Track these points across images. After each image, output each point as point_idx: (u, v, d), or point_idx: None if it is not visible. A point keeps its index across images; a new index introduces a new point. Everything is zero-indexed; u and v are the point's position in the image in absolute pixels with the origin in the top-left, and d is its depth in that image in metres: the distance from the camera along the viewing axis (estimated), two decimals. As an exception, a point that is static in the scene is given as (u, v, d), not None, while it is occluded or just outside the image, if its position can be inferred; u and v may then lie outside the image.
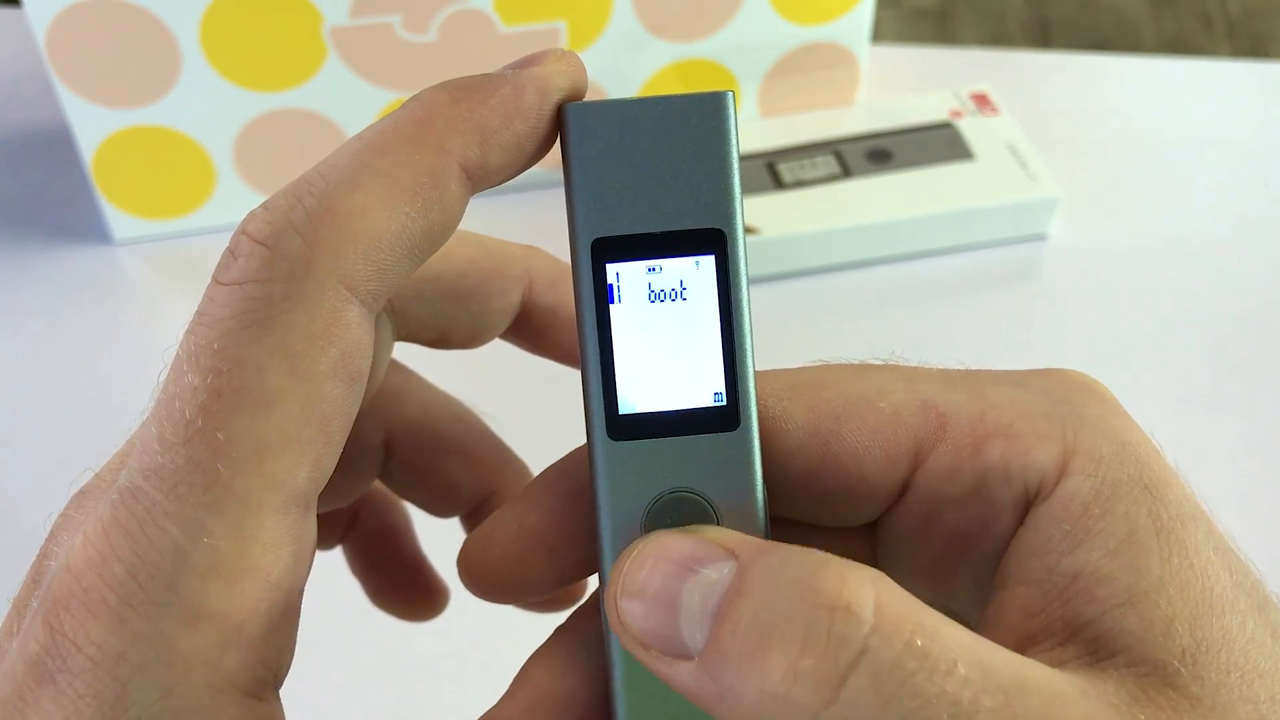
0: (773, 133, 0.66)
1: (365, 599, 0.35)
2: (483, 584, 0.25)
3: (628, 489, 0.23)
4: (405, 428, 0.31)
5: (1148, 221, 0.65)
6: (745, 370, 0.23)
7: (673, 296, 0.23)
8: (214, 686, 0.20)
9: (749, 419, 0.23)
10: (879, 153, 0.64)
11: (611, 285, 0.23)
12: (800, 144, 0.65)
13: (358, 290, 0.21)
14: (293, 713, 0.23)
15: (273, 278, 0.21)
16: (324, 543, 0.33)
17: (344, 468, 0.24)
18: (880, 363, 0.25)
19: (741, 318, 0.23)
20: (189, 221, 0.64)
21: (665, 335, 0.23)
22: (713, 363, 0.23)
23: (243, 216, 0.21)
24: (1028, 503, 0.22)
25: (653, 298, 0.23)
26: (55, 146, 0.67)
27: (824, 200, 0.62)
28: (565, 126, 0.23)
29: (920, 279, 0.62)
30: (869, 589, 0.19)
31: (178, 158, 0.62)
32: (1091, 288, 0.62)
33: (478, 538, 0.25)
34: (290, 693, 0.23)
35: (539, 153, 0.23)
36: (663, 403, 0.23)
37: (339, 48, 0.60)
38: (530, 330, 0.30)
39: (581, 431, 0.23)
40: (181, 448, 0.20)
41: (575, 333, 0.23)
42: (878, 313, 0.61)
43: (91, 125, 0.60)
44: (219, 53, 0.59)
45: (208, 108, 0.61)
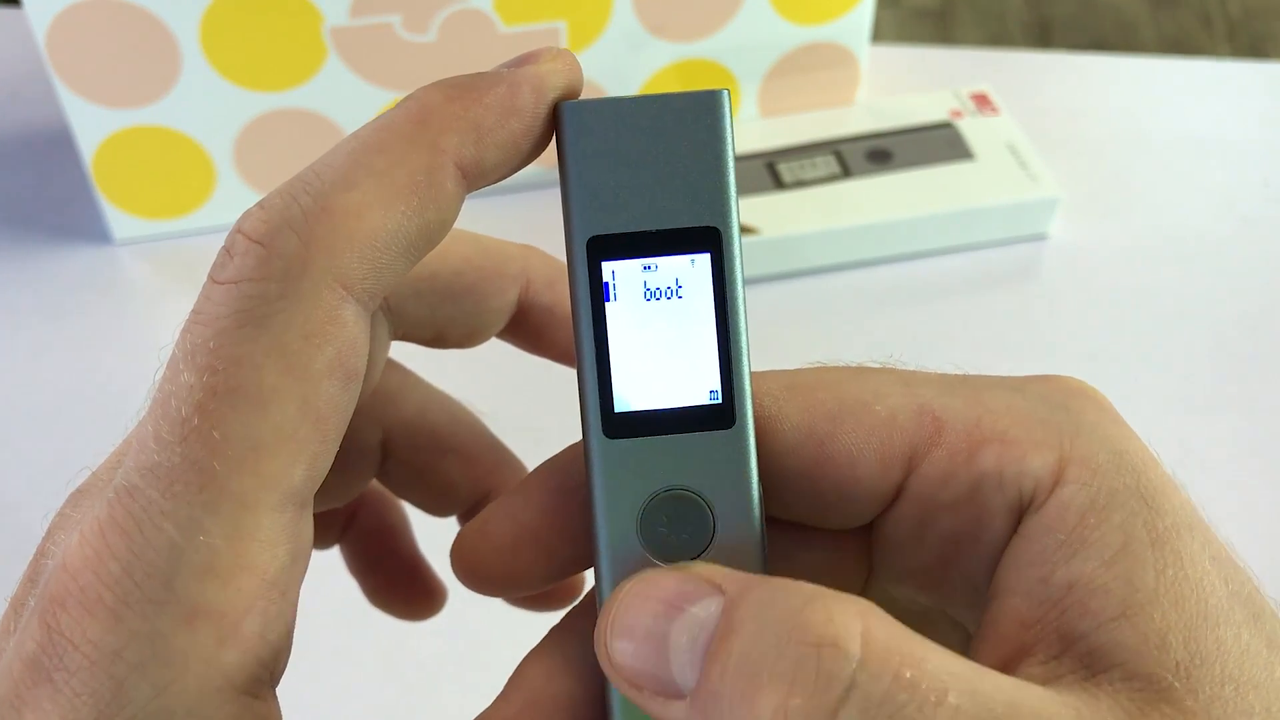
0: (773, 133, 0.65)
1: (363, 598, 0.35)
2: (475, 576, 0.25)
3: (623, 486, 0.23)
4: (402, 427, 0.31)
5: (1148, 221, 0.65)
6: (741, 368, 0.23)
7: (668, 294, 0.23)
8: (210, 684, 0.20)
9: (744, 417, 0.23)
10: (879, 153, 0.64)
11: (607, 283, 0.23)
12: (800, 144, 0.65)
13: (354, 289, 0.21)
14: (291, 712, 0.23)
15: (268, 276, 0.21)
16: (321, 542, 0.33)
17: (341, 467, 0.24)
18: (878, 365, 0.25)
19: (737, 316, 0.23)
20: (189, 221, 0.64)
21: (661, 333, 0.23)
22: (708, 361, 0.23)
23: (242, 214, 0.21)
24: (1021, 509, 0.22)
25: (648, 296, 0.23)
26: (55, 146, 0.67)
27: (824, 200, 0.62)
28: (561, 125, 0.23)
29: (920, 279, 0.62)
30: (856, 622, 0.19)
31: (178, 158, 0.62)
32: (1091, 288, 0.62)
33: (471, 530, 0.25)
34: (288, 692, 0.23)
35: (535, 151, 0.23)
36: (658, 400, 0.23)
37: (339, 48, 0.60)
38: (527, 329, 0.30)
39: (578, 430, 0.23)
40: (178, 446, 0.20)
41: (572, 331, 0.23)
42: (878, 313, 0.61)
43: (91, 125, 0.60)
44: (219, 53, 0.59)
45: (208, 108, 0.61)
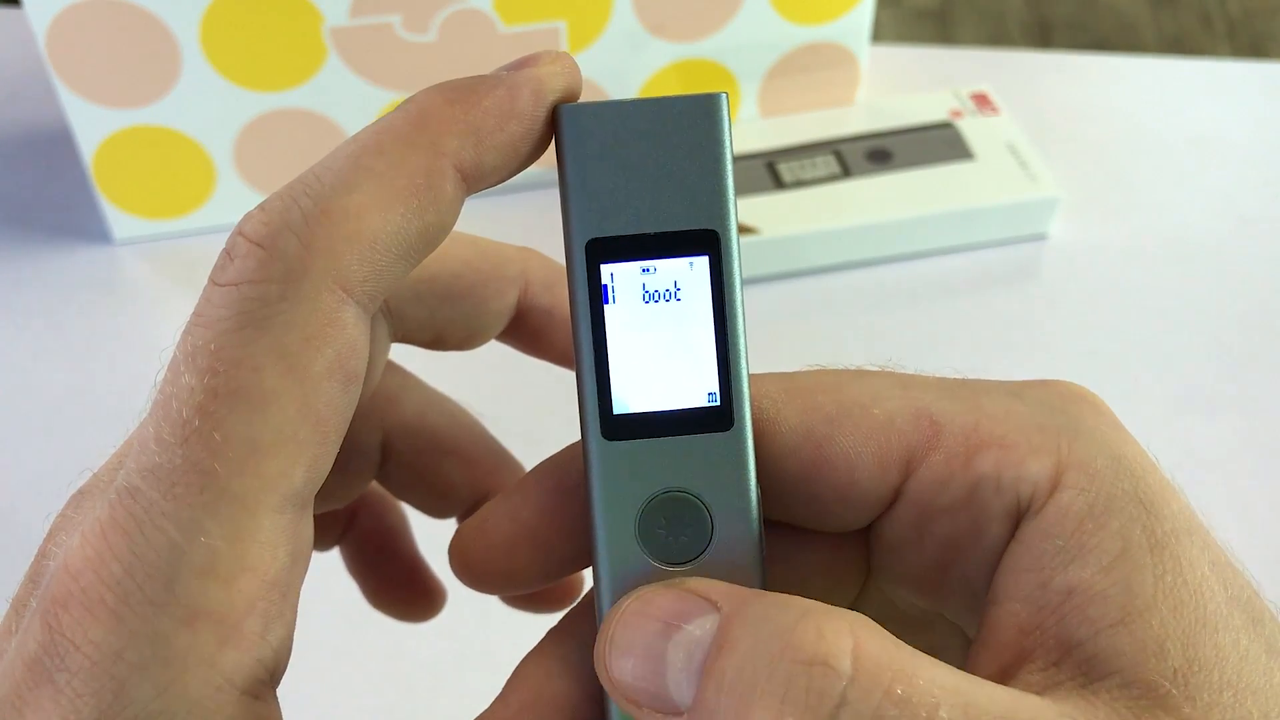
0: (773, 133, 0.66)
1: (363, 600, 0.35)
2: (473, 573, 0.26)
3: (622, 488, 0.23)
4: (402, 429, 0.31)
5: (1148, 221, 0.65)
6: (739, 371, 0.23)
7: (667, 297, 0.23)
8: (211, 685, 0.20)
9: (743, 419, 0.23)
10: (879, 153, 0.64)
11: (606, 286, 0.23)
12: (800, 144, 0.65)
13: (354, 291, 0.21)
14: (291, 713, 0.23)
15: (269, 278, 0.21)
16: (322, 544, 0.34)
17: (341, 469, 0.24)
18: (877, 369, 0.25)
19: (735, 318, 0.23)
20: (189, 221, 0.64)
21: (659, 336, 0.23)
22: (707, 363, 0.23)
23: (242, 216, 0.21)
24: (1019, 514, 0.22)
25: (647, 298, 0.23)
26: (55, 146, 0.67)
27: (824, 200, 0.62)
28: (560, 128, 0.23)
29: (920, 279, 0.62)
30: (847, 638, 0.19)
31: (178, 158, 0.62)
32: (1091, 288, 0.62)
33: (470, 528, 0.25)
34: (289, 693, 0.23)
35: (534, 154, 0.23)
36: (657, 403, 0.23)
37: (339, 48, 0.60)
38: (526, 332, 0.30)
39: (577, 432, 0.23)
40: (178, 448, 0.20)
41: (570, 334, 0.23)
42: (878, 313, 0.61)
43: (91, 125, 0.60)
44: (219, 53, 0.59)
45: (208, 108, 0.61)
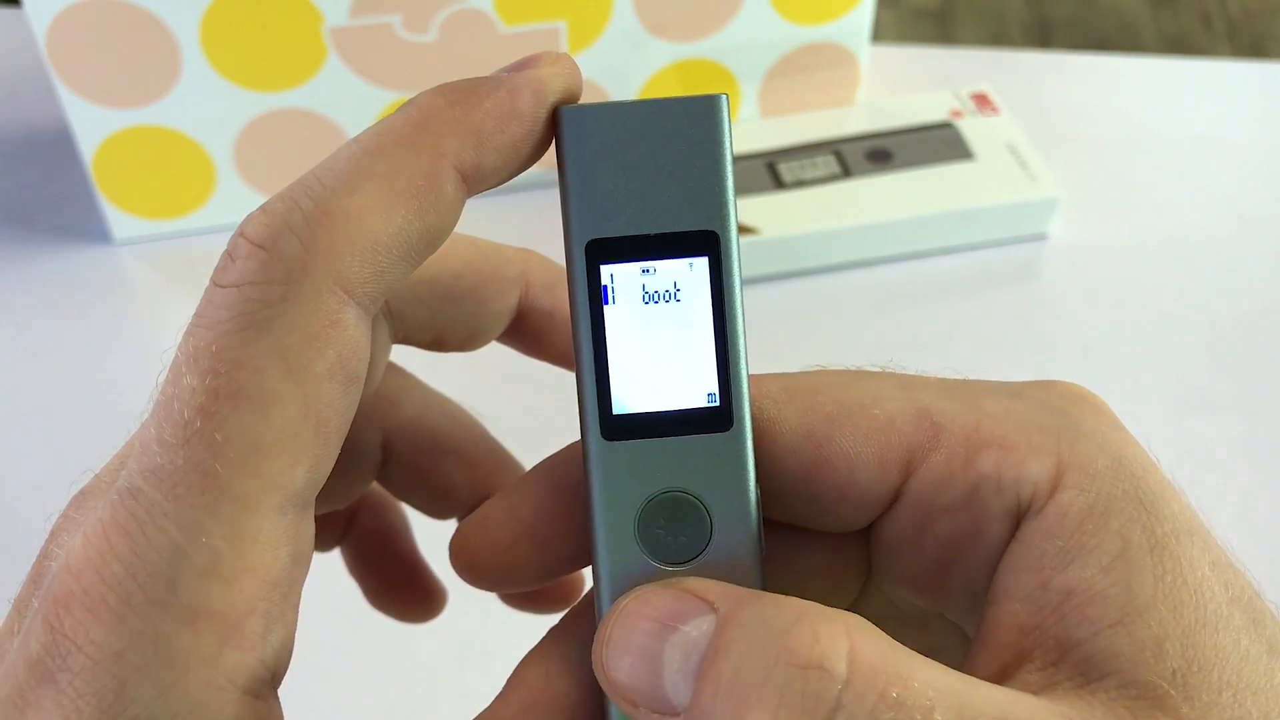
0: (773, 133, 0.66)
1: (363, 600, 0.35)
2: (472, 571, 0.26)
3: (621, 489, 0.23)
4: (403, 430, 0.31)
5: (1148, 221, 0.65)
6: (739, 371, 0.23)
7: (667, 298, 0.23)
8: (212, 685, 0.20)
9: (742, 420, 0.23)
10: (879, 153, 0.64)
11: (606, 286, 0.23)
12: (800, 144, 0.65)
13: (355, 292, 0.21)
14: (292, 713, 0.23)
15: (270, 280, 0.21)
16: (322, 544, 0.34)
17: (342, 469, 0.24)
18: (877, 369, 0.25)
19: (735, 319, 0.23)
20: (189, 221, 0.64)
21: (659, 336, 0.23)
22: (706, 364, 0.23)
23: (243, 217, 0.22)
24: (1019, 514, 0.22)
25: (647, 299, 0.23)
26: (55, 146, 0.67)
27: (824, 200, 0.62)
28: (560, 129, 0.23)
29: (920, 279, 0.62)
30: (842, 641, 0.19)
31: (178, 158, 0.62)
32: (1091, 288, 0.62)
33: (470, 525, 0.25)
34: (289, 693, 0.23)
35: (534, 155, 0.23)
36: (656, 403, 0.23)
37: (339, 48, 0.60)
38: (527, 333, 0.30)
39: (578, 433, 0.23)
40: (180, 449, 0.20)
41: (571, 335, 0.23)
42: (877, 313, 0.61)
43: (91, 125, 0.60)
44: (219, 53, 0.59)
45: (208, 108, 0.61)
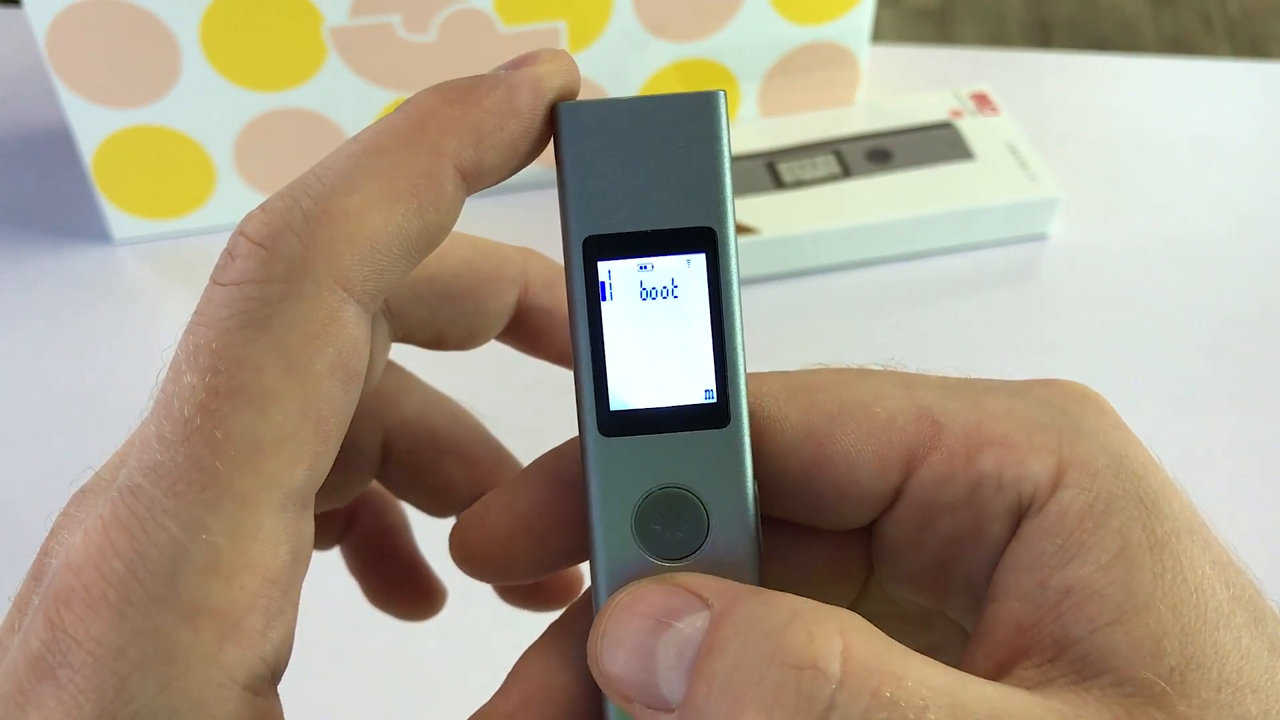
0: (773, 133, 0.66)
1: (363, 599, 0.35)
2: (471, 562, 0.26)
3: (619, 484, 0.23)
4: (403, 428, 0.31)
5: (1148, 221, 0.65)
6: (736, 368, 0.23)
7: (664, 294, 0.23)
8: (212, 682, 0.20)
9: (740, 416, 0.23)
10: (879, 153, 0.64)
11: (604, 283, 0.23)
12: (800, 144, 0.65)
13: (354, 290, 0.21)
14: (292, 711, 0.23)
15: (270, 278, 0.21)
16: (322, 543, 0.34)
17: (342, 468, 0.24)
18: (879, 368, 0.25)
19: (732, 315, 0.23)
20: (189, 221, 0.64)
21: (657, 332, 0.23)
22: (704, 360, 0.23)
23: (243, 217, 0.22)
24: (1020, 513, 0.22)
25: (644, 295, 0.23)
26: (55, 146, 0.67)
27: (824, 200, 0.62)
28: (558, 126, 0.23)
29: (920, 279, 0.62)
30: (836, 640, 0.19)
31: (178, 158, 0.62)
32: (1091, 288, 0.62)
33: (470, 517, 0.26)
34: (290, 692, 0.23)
35: (533, 152, 0.23)
36: (654, 399, 0.23)
37: (339, 48, 0.60)
38: (526, 332, 0.30)
39: (576, 429, 0.23)
40: (180, 446, 0.20)
41: (569, 333, 0.23)
42: (878, 313, 0.61)
43: (91, 125, 0.60)
44: (219, 53, 0.59)
45: (208, 108, 0.61)
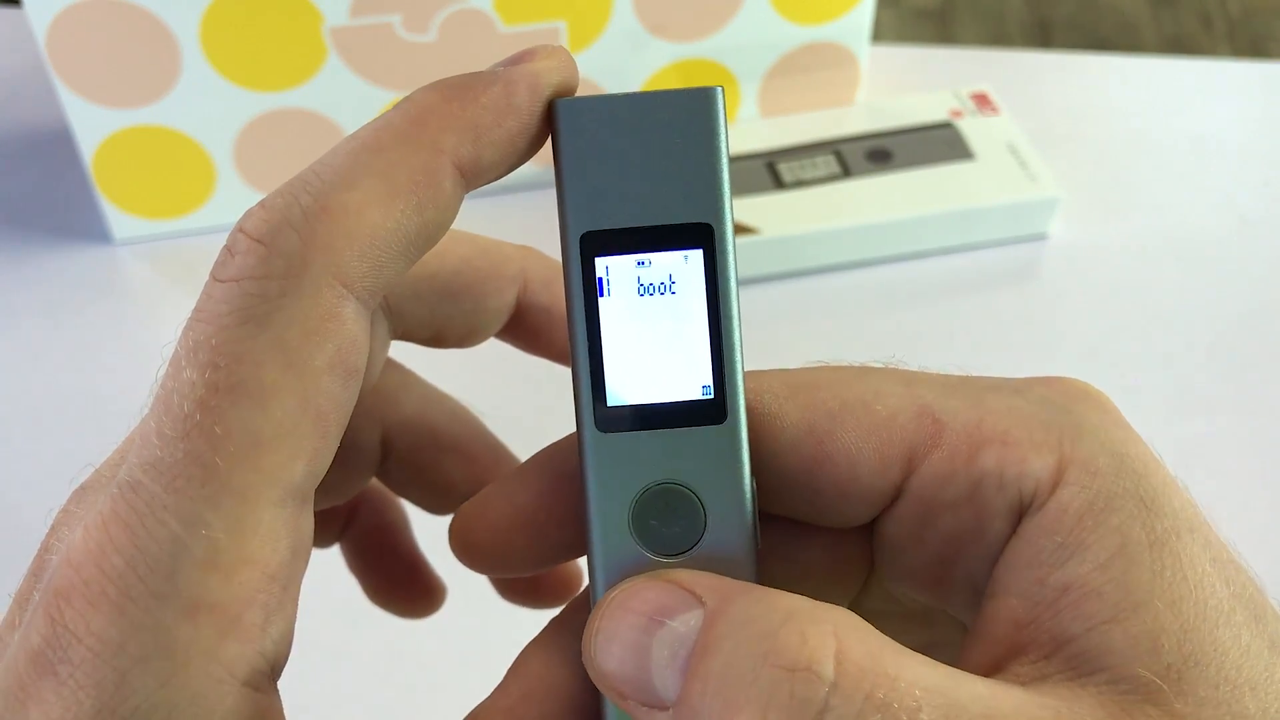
0: (773, 133, 0.66)
1: (363, 596, 0.35)
2: (470, 554, 0.26)
3: (615, 480, 0.23)
4: (402, 425, 0.31)
5: (1148, 221, 0.65)
6: (733, 364, 0.23)
7: (662, 290, 0.23)
8: (212, 677, 0.20)
9: (737, 412, 0.23)
10: (879, 153, 0.64)
11: (601, 279, 0.23)
12: (800, 144, 0.65)
13: (353, 287, 0.21)
14: (292, 708, 0.23)
15: (269, 274, 0.21)
16: (322, 541, 0.34)
17: (341, 465, 0.24)
18: (880, 366, 0.25)
19: (730, 312, 0.23)
20: (189, 221, 0.64)
21: (654, 328, 0.23)
22: (701, 356, 0.23)
23: (243, 214, 0.22)
24: (1021, 510, 0.22)
25: (642, 291, 0.23)
26: (55, 146, 0.67)
27: (824, 200, 0.62)
28: (555, 122, 0.23)
29: (920, 279, 0.62)
30: (830, 642, 0.19)
31: (178, 158, 0.62)
32: (1091, 288, 0.62)
33: (470, 509, 0.26)
34: (289, 689, 0.23)
35: (531, 149, 0.23)
36: (651, 395, 0.23)
37: (339, 48, 0.60)
38: (525, 330, 0.30)
39: (574, 426, 0.23)
40: (180, 442, 0.20)
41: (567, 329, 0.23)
42: (878, 313, 0.61)
43: (91, 125, 0.60)
44: (219, 53, 0.59)
45: (208, 108, 0.61)
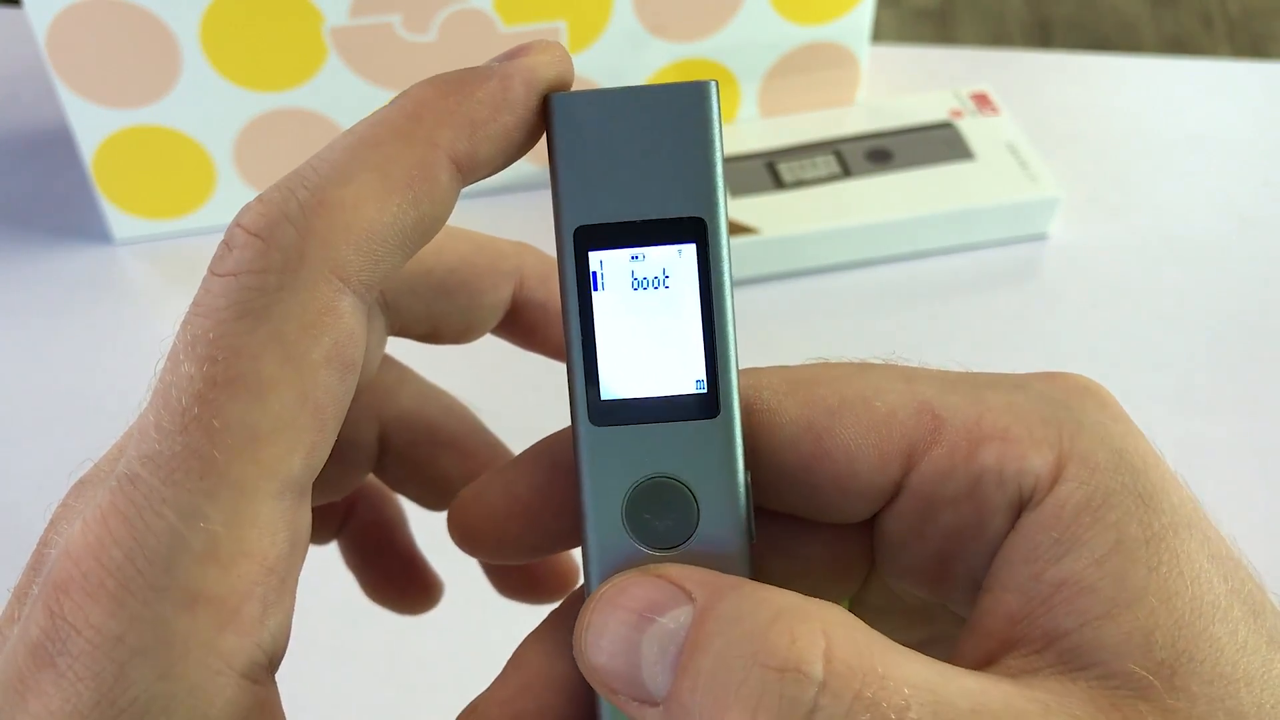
0: (773, 133, 0.66)
1: (361, 593, 0.35)
2: (468, 540, 0.26)
3: (609, 473, 0.23)
4: (399, 421, 0.31)
5: (1148, 221, 0.65)
6: (727, 358, 0.23)
7: (655, 284, 0.23)
8: (210, 669, 0.20)
9: (730, 407, 0.23)
10: (879, 153, 0.65)
11: (595, 272, 0.23)
12: (800, 144, 0.65)
13: (350, 281, 0.21)
14: (290, 705, 0.23)
15: (267, 268, 0.21)
16: (320, 537, 0.34)
17: (338, 461, 0.24)
18: (879, 362, 0.25)
19: (723, 306, 0.23)
20: (189, 221, 0.64)
21: (648, 322, 0.23)
22: (694, 350, 0.23)
23: (241, 209, 0.22)
24: (1021, 506, 0.22)
25: (636, 285, 0.23)
26: (55, 146, 0.67)
27: (824, 200, 0.62)
28: (550, 116, 0.23)
29: (920, 279, 0.62)
30: (819, 641, 0.19)
31: (178, 158, 0.62)
32: (1091, 288, 0.62)
33: (468, 495, 0.26)
34: (288, 689, 0.23)
35: (527, 143, 0.23)
36: (644, 389, 0.23)
37: (339, 48, 0.60)
38: (521, 326, 0.30)
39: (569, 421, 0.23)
40: (178, 435, 0.20)
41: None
42: (878, 313, 0.61)
43: (91, 125, 0.60)
44: (219, 53, 0.59)
45: (208, 108, 0.61)
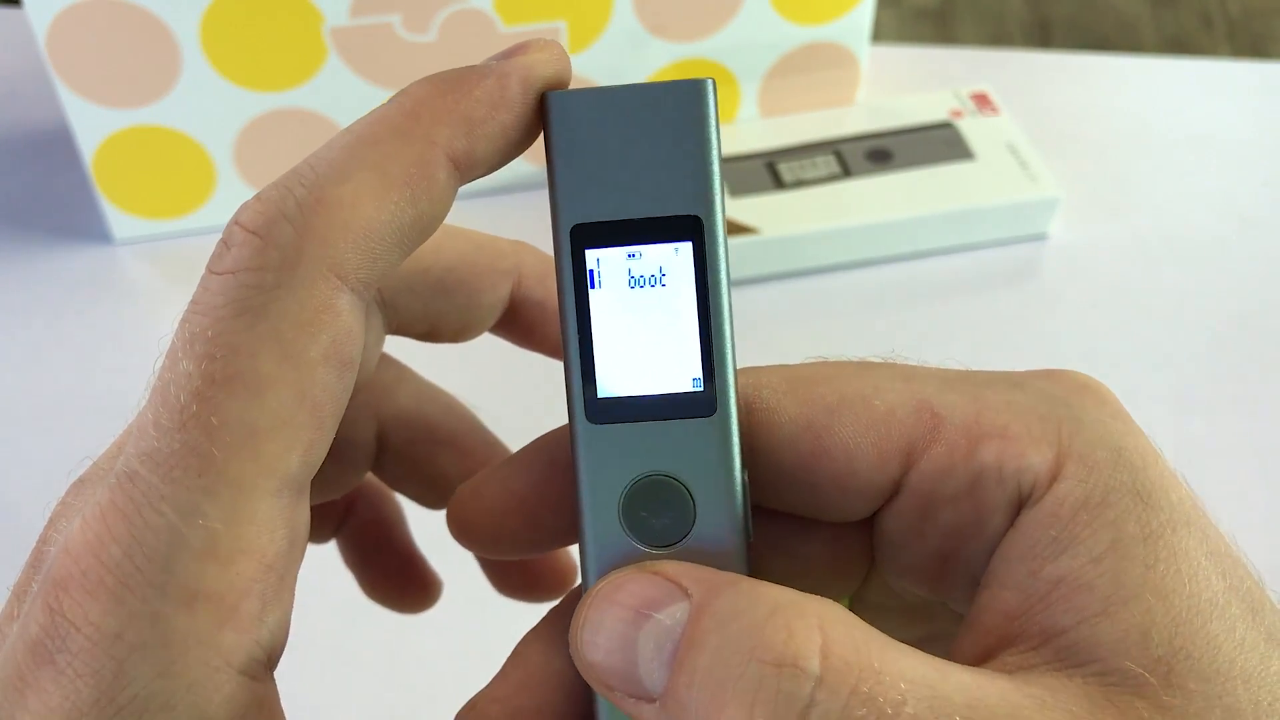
0: (773, 133, 0.66)
1: (359, 591, 0.35)
2: (466, 534, 0.26)
3: (606, 471, 0.23)
4: (397, 420, 0.31)
5: (1148, 221, 0.65)
6: (724, 356, 0.23)
7: (652, 282, 0.23)
8: (209, 665, 0.20)
9: (727, 405, 0.23)
10: (879, 153, 0.65)
11: (592, 271, 0.23)
12: (800, 144, 0.65)
13: (348, 278, 0.21)
14: (289, 703, 0.23)
15: (265, 266, 0.21)
16: (318, 536, 0.34)
17: (337, 459, 0.24)
18: (879, 361, 0.25)
19: (720, 304, 0.23)
20: (189, 221, 0.64)
21: (645, 320, 0.23)
22: (691, 349, 0.23)
23: (239, 207, 0.22)
24: (1020, 504, 0.22)
25: (633, 283, 0.23)
26: (55, 146, 0.67)
27: (824, 200, 0.62)
28: (547, 114, 0.23)
29: (920, 279, 0.62)
30: (815, 636, 0.20)
31: (178, 158, 0.62)
32: (1091, 288, 0.62)
33: (467, 490, 0.26)
34: (287, 687, 0.23)
35: (525, 141, 0.23)
36: (641, 387, 0.23)
37: (339, 48, 0.60)
38: (519, 324, 0.30)
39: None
40: (177, 433, 0.20)
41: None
42: (878, 313, 0.61)
43: (91, 125, 0.60)
44: (219, 53, 0.59)
45: (208, 108, 0.61)
